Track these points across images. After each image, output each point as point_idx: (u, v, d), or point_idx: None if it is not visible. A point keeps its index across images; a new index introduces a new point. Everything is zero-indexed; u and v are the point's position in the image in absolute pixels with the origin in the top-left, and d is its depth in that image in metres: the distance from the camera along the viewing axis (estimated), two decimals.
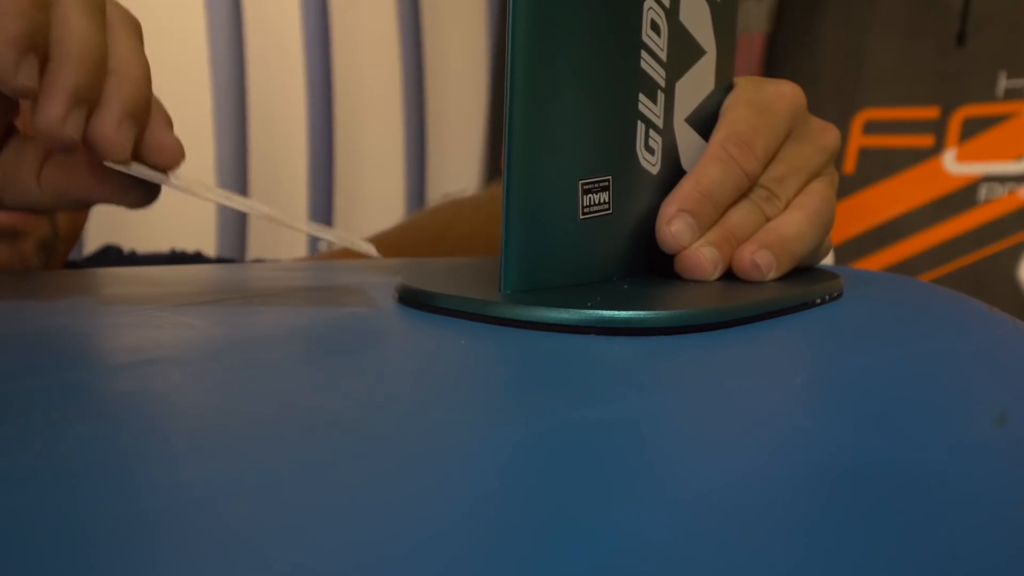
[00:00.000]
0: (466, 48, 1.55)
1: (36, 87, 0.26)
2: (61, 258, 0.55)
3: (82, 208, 0.31)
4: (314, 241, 1.46)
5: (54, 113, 0.26)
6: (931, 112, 1.24)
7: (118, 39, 0.29)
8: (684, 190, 0.30)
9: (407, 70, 1.46)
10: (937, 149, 1.23)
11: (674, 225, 0.29)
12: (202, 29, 1.26)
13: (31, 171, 0.30)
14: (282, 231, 1.47)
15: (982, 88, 1.21)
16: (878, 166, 1.27)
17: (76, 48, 0.26)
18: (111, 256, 0.66)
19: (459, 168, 1.56)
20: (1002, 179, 1.20)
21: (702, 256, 0.29)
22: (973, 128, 1.22)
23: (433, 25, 1.49)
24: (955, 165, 1.22)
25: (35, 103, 0.26)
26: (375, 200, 1.47)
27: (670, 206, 0.29)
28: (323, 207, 1.41)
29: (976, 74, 1.21)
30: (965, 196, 1.22)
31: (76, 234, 0.56)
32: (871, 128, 1.28)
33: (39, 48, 0.26)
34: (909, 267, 1.23)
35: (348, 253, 0.66)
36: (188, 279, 0.35)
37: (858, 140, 1.28)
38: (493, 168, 1.57)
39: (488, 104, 1.59)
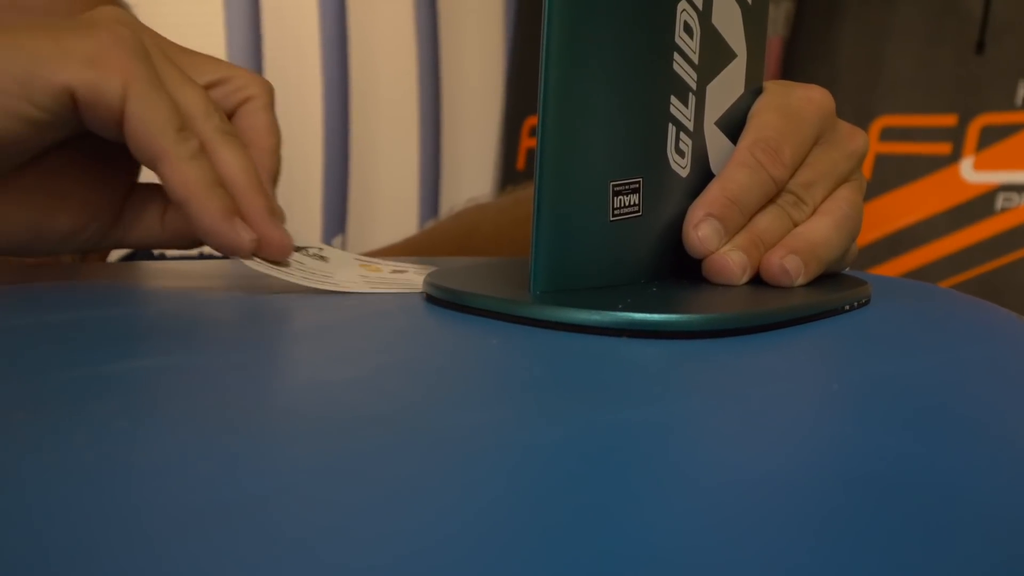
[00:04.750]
0: (483, 51, 1.56)
1: (255, 236, 0.30)
2: (102, 258, 0.55)
3: (195, 247, 0.35)
4: (327, 241, 1.46)
5: (279, 235, 0.31)
6: (949, 120, 1.23)
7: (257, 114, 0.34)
8: (711, 195, 0.30)
9: (423, 72, 1.47)
10: (954, 157, 1.23)
11: (701, 230, 0.29)
12: (220, 28, 1.27)
13: (156, 214, 0.33)
14: (295, 230, 1.47)
15: (1001, 97, 1.20)
16: (895, 173, 1.26)
17: (248, 180, 0.31)
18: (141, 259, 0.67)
19: (473, 170, 1.56)
20: (1020, 188, 1.19)
21: (730, 260, 0.29)
22: (991, 137, 1.21)
23: (450, 27, 1.49)
24: (972, 173, 1.22)
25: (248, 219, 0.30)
26: (389, 201, 1.47)
27: (697, 211, 0.29)
28: (337, 208, 1.42)
29: (995, 82, 1.20)
30: (982, 205, 1.21)
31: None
32: (888, 135, 1.28)
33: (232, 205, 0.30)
34: (925, 275, 1.22)
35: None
36: (216, 274, 0.35)
37: (875, 147, 1.28)
38: (507, 171, 1.57)
39: (503, 107, 1.59)
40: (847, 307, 0.29)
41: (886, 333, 0.27)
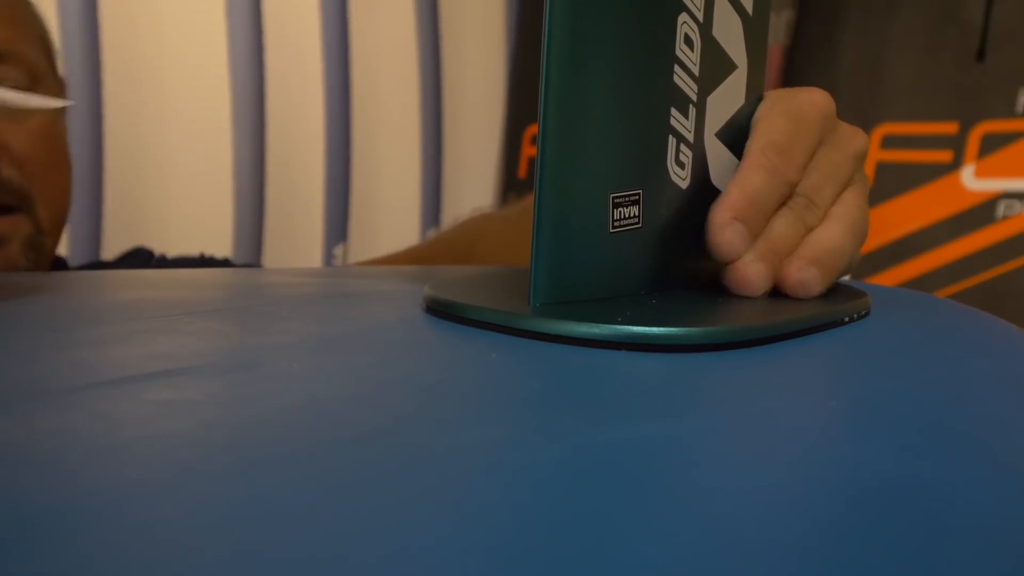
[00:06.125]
0: (484, 59, 1.56)
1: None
2: (49, 253, 0.55)
3: None
4: (328, 250, 1.46)
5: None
6: (950, 128, 1.23)
7: None
8: (733, 197, 0.29)
9: (424, 81, 1.47)
10: (955, 165, 1.23)
11: (727, 233, 0.29)
12: (222, 37, 1.27)
13: None
14: (297, 238, 1.48)
15: (1001, 104, 1.20)
16: (895, 181, 1.26)
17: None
18: (141, 258, 0.67)
19: (475, 178, 1.56)
20: (1021, 196, 1.19)
21: (752, 272, 0.29)
22: (992, 144, 1.21)
23: (451, 36, 1.50)
24: (973, 181, 1.22)
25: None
26: (391, 209, 1.47)
27: (723, 213, 0.29)
28: (339, 216, 1.42)
29: (996, 90, 1.20)
30: (983, 212, 1.21)
31: (59, 226, 0.57)
32: (889, 143, 1.28)
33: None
34: (926, 283, 1.22)
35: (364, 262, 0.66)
36: (216, 284, 0.35)
37: (876, 155, 1.28)
38: (509, 179, 1.57)
39: (504, 116, 1.59)
40: (847, 319, 0.28)
41: (886, 345, 0.27)
